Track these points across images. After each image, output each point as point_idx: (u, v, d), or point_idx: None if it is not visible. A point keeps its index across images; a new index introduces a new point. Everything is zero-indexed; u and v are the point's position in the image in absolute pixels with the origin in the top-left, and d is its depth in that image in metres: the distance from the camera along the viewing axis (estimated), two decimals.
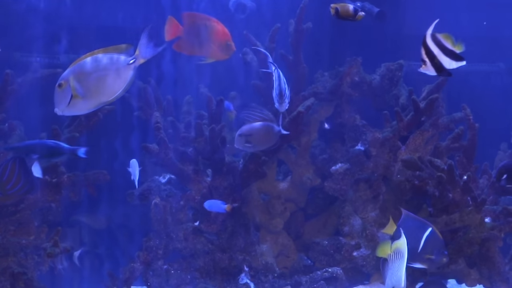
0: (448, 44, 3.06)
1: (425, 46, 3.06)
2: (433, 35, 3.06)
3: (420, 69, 3.15)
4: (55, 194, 4.02)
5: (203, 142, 4.09)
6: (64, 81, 2.93)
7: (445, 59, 3.05)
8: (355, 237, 4.27)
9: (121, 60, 2.93)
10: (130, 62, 2.93)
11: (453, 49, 3.05)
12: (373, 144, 4.28)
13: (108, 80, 2.94)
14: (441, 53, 3.04)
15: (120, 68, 2.94)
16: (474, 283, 4.08)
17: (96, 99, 2.97)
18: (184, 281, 4.09)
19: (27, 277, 3.89)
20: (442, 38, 3.07)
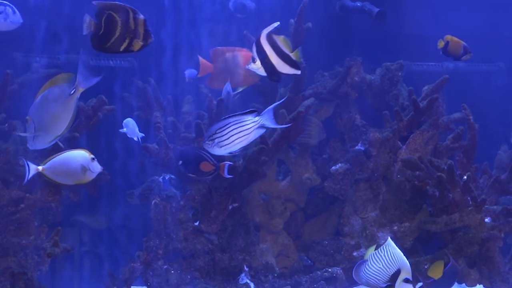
0: (284, 48, 2.98)
1: (257, 45, 2.95)
2: (269, 35, 2.96)
3: (248, 66, 3.09)
4: (55, 194, 4.01)
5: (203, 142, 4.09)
6: (29, 116, 3.10)
7: (277, 61, 2.95)
8: (355, 237, 4.27)
9: (65, 90, 3.06)
10: (71, 93, 3.04)
11: (287, 53, 2.96)
12: (373, 144, 4.28)
13: (57, 112, 3.08)
14: (274, 53, 2.94)
15: (65, 99, 3.06)
16: (474, 283, 4.07)
17: (52, 131, 3.12)
18: (184, 281, 4.09)
19: (27, 277, 3.89)
20: (278, 40, 2.98)
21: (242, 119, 3.24)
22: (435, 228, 4.03)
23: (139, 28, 2.68)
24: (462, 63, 5.16)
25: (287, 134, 4.18)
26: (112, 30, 2.66)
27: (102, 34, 2.66)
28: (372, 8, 4.82)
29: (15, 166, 3.98)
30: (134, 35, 2.68)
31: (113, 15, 2.66)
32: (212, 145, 3.27)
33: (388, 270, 3.22)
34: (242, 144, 3.26)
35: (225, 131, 3.24)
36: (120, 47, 2.68)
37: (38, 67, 4.34)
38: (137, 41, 2.70)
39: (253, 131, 3.23)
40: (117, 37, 2.67)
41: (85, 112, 4.11)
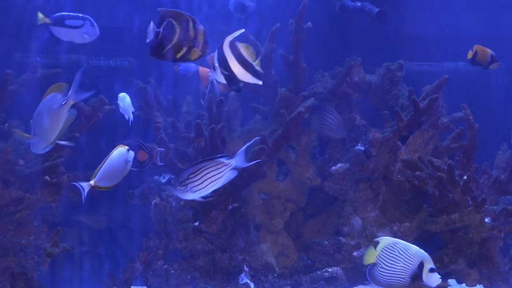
0: (247, 56, 2.92)
1: (219, 52, 2.88)
2: (232, 43, 2.90)
3: (209, 73, 3.05)
4: (55, 194, 4.02)
5: (203, 142, 4.09)
6: (31, 121, 3.19)
7: (239, 69, 2.89)
8: (355, 237, 4.27)
9: (58, 100, 3.13)
10: (62, 103, 3.12)
11: (250, 61, 2.91)
12: (373, 144, 4.28)
13: (49, 120, 3.16)
14: (235, 61, 2.88)
15: (56, 109, 3.14)
16: (474, 283, 4.08)
17: (45, 138, 3.19)
18: (184, 281, 4.09)
19: (27, 277, 3.89)
20: (241, 48, 2.93)
21: (215, 163, 3.25)
22: (435, 228, 4.03)
23: (199, 37, 2.69)
24: (462, 63, 5.17)
25: (287, 134, 4.18)
26: (170, 37, 2.66)
27: (159, 41, 2.67)
28: (372, 8, 4.82)
29: (15, 166, 3.99)
30: (193, 44, 2.68)
31: (173, 22, 2.66)
32: (184, 190, 3.26)
33: (410, 266, 3.21)
34: (215, 187, 3.27)
35: (198, 176, 3.25)
36: (177, 54, 2.69)
37: (38, 67, 4.33)
38: (195, 50, 2.71)
39: (226, 174, 3.25)
40: (175, 44, 2.67)
41: (85, 112, 4.12)
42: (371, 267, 3.25)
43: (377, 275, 3.24)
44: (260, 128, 4.44)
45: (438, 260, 4.02)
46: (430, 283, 3.19)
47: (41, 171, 3.98)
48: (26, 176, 3.98)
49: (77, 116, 4.09)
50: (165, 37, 2.65)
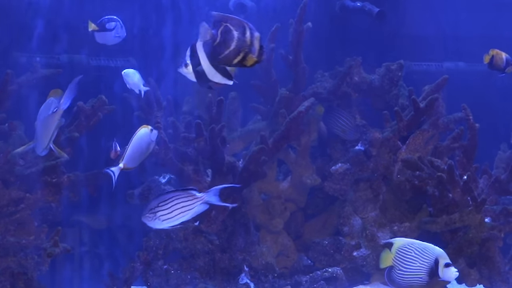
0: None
1: (192, 50, 2.83)
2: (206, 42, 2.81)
3: (180, 69, 3.04)
4: (55, 194, 4.02)
5: (203, 142, 4.09)
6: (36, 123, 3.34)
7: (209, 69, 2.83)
8: (355, 237, 4.27)
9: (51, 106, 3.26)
10: (54, 110, 3.24)
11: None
12: (373, 144, 4.28)
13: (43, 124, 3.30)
14: (207, 60, 2.82)
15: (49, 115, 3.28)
16: (474, 283, 4.07)
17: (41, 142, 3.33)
18: (184, 281, 4.09)
19: (27, 277, 3.89)
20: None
21: (186, 194, 3.23)
22: (435, 228, 4.03)
23: (255, 43, 2.67)
24: (462, 63, 5.16)
25: (287, 134, 4.18)
26: (228, 42, 2.65)
27: (217, 45, 2.65)
28: (372, 8, 4.82)
29: (15, 166, 3.98)
30: (249, 50, 2.67)
31: (230, 27, 2.65)
32: (153, 218, 3.23)
33: (426, 264, 3.21)
34: (183, 219, 3.24)
35: (168, 205, 3.21)
36: (234, 60, 2.67)
37: (38, 67, 4.33)
38: (251, 56, 2.68)
39: (196, 208, 3.22)
40: (232, 50, 2.65)
41: (85, 112, 4.12)
42: (389, 271, 3.24)
43: (396, 277, 3.24)
44: (260, 128, 4.44)
45: None
46: (447, 278, 3.20)
47: (41, 171, 3.98)
48: (26, 176, 3.98)
49: (77, 116, 4.13)
50: (222, 43, 2.65)
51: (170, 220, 3.22)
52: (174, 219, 3.22)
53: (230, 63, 2.68)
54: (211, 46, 2.65)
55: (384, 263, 3.26)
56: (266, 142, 4.09)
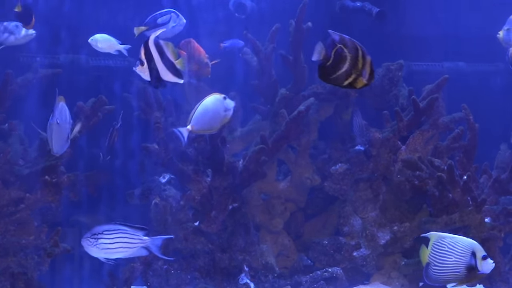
0: (170, 55, 2.93)
1: (145, 48, 2.90)
2: (157, 40, 2.91)
3: (136, 68, 3.05)
4: (55, 194, 4.01)
5: (203, 142, 4.09)
6: None
7: (162, 68, 2.89)
8: (355, 237, 4.27)
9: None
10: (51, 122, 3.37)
11: (172, 60, 2.91)
12: (373, 144, 4.28)
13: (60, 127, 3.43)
14: (160, 59, 2.89)
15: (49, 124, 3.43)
16: (474, 283, 4.07)
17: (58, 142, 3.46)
18: (184, 281, 4.09)
19: (27, 277, 3.89)
20: (165, 46, 2.93)
21: (133, 232, 3.21)
22: (435, 228, 4.02)
23: (366, 67, 2.73)
24: (462, 63, 5.16)
25: (287, 134, 4.18)
26: (340, 63, 2.69)
27: (329, 65, 2.69)
28: (372, 8, 4.82)
29: (15, 166, 3.99)
30: (360, 73, 2.72)
31: (343, 49, 2.69)
32: (93, 243, 3.21)
33: (463, 258, 3.18)
34: (121, 255, 3.23)
35: (112, 236, 3.20)
36: (345, 81, 2.71)
37: (38, 67, 4.33)
38: (361, 80, 2.74)
39: (136, 248, 3.22)
40: (344, 72, 2.69)
41: (85, 112, 4.12)
42: (426, 268, 3.21)
43: (433, 274, 3.20)
44: (260, 128, 4.44)
45: None
46: (485, 270, 3.16)
47: (41, 171, 3.98)
48: (26, 176, 3.98)
49: (77, 116, 4.13)
50: (335, 63, 2.69)
51: (109, 251, 3.20)
52: (113, 251, 3.21)
53: (340, 83, 2.73)
54: (323, 66, 2.69)
55: (423, 260, 3.21)
56: (266, 142, 4.09)
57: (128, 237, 3.20)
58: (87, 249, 3.23)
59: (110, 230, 3.19)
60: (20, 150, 4.08)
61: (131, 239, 3.21)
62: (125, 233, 3.20)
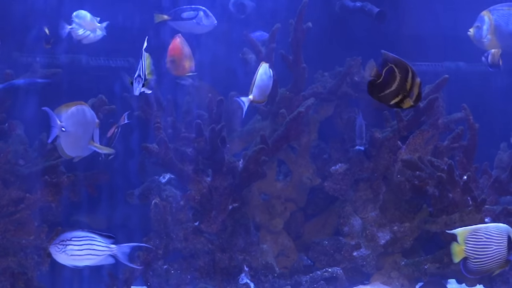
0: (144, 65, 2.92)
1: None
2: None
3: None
4: (55, 194, 4.02)
5: (203, 142, 4.09)
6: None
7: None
8: (355, 237, 4.27)
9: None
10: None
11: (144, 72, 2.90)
12: (373, 144, 4.28)
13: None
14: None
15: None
16: (474, 283, 4.07)
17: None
18: (184, 281, 4.09)
19: (27, 277, 3.89)
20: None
21: (101, 240, 3.23)
22: (435, 228, 4.03)
23: (414, 89, 2.79)
24: (462, 63, 5.16)
25: (287, 134, 4.18)
26: (390, 82, 2.77)
27: (379, 83, 2.77)
28: (372, 8, 4.82)
29: (15, 166, 3.98)
30: (408, 94, 2.78)
31: (394, 69, 2.76)
32: (61, 250, 3.21)
33: (502, 244, 3.18)
34: (89, 262, 3.23)
35: (81, 243, 3.21)
36: (392, 100, 2.79)
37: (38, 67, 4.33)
38: (408, 100, 2.80)
39: (104, 256, 3.23)
40: (392, 91, 2.77)
41: None
42: (464, 263, 3.21)
43: (474, 267, 3.20)
44: (260, 128, 4.44)
45: (438, 260, 4.02)
46: None
47: (41, 171, 3.98)
48: (26, 176, 3.98)
49: None
50: (385, 82, 2.77)
51: (77, 258, 3.21)
52: (81, 258, 3.21)
53: (388, 102, 2.80)
54: (373, 83, 2.77)
55: (457, 257, 3.21)
56: (266, 142, 4.09)
57: (96, 244, 3.22)
58: (55, 255, 3.23)
59: (79, 237, 3.21)
60: (20, 150, 4.08)
61: (99, 247, 3.22)
62: (93, 240, 3.22)
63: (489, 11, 4.18)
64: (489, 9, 4.19)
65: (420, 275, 4.09)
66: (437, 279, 4.25)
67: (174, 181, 4.33)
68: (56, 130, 3.30)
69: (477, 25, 4.17)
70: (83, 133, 3.40)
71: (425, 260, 4.07)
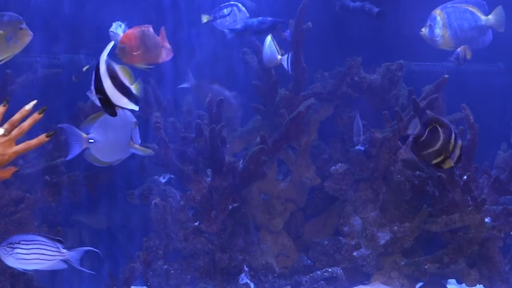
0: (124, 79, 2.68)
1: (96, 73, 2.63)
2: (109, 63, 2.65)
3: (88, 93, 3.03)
4: (55, 194, 4.02)
5: (203, 142, 4.09)
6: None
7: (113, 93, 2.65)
8: (355, 237, 4.27)
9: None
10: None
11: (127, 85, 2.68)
12: (373, 144, 4.28)
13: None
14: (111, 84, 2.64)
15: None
16: (474, 283, 4.08)
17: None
18: (184, 281, 4.09)
19: (27, 277, 3.88)
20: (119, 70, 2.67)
21: (51, 244, 3.18)
22: (435, 228, 4.03)
23: (456, 151, 2.84)
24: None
25: (287, 134, 4.18)
26: (432, 142, 2.83)
27: (422, 142, 2.83)
28: (372, 8, 4.82)
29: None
30: (450, 155, 2.83)
31: (438, 129, 2.81)
32: (9, 252, 3.16)
33: None
34: (38, 266, 3.19)
35: (30, 246, 3.16)
36: (433, 160, 2.86)
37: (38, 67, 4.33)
38: (449, 161, 2.86)
39: (55, 261, 3.18)
40: (434, 151, 2.83)
41: (85, 111, 4.12)
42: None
43: None
44: (260, 128, 4.44)
45: (438, 260, 4.02)
46: None
47: (41, 171, 3.98)
48: (26, 176, 3.98)
49: (77, 115, 4.13)
50: (428, 141, 2.83)
51: (25, 262, 3.16)
52: (29, 262, 3.17)
53: (429, 161, 2.87)
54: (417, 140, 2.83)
55: None
56: (266, 142, 4.09)
57: (46, 248, 3.17)
58: (3, 258, 3.18)
59: (27, 241, 3.16)
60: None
61: (49, 251, 3.18)
62: (42, 245, 3.17)
63: (440, 9, 4.17)
64: (440, 7, 4.18)
65: (420, 275, 4.09)
66: (437, 279, 4.26)
67: (174, 181, 4.33)
68: (80, 145, 3.19)
69: (429, 24, 4.16)
70: (117, 137, 3.29)
71: (425, 260, 4.07)
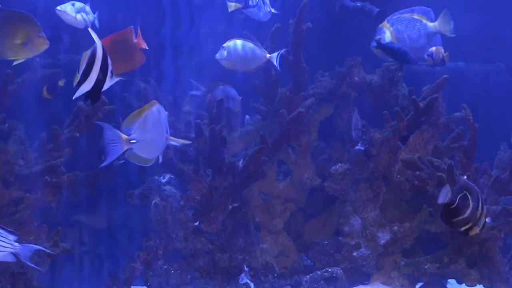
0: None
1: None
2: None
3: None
4: (55, 194, 4.01)
5: (203, 142, 4.09)
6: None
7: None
8: (355, 237, 4.27)
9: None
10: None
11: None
12: (373, 144, 4.28)
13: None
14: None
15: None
16: (474, 283, 4.08)
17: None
18: (184, 281, 4.09)
19: (27, 277, 3.88)
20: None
21: (5, 235, 3.13)
22: (435, 228, 4.03)
23: (482, 218, 2.88)
24: (462, 63, 5.16)
25: (287, 134, 4.18)
26: (463, 209, 2.85)
27: (453, 209, 2.86)
28: (372, 8, 4.82)
29: (15, 166, 3.98)
30: (477, 222, 2.87)
31: (468, 197, 2.85)
32: None
33: None
34: None
35: None
36: (462, 227, 2.88)
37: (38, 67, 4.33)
38: (476, 228, 2.89)
39: (5, 254, 3.12)
40: (464, 218, 2.86)
41: (85, 112, 4.12)
42: None
43: None
44: (260, 128, 4.44)
45: (438, 260, 4.02)
46: None
47: (41, 171, 3.98)
48: (26, 176, 3.98)
49: (77, 115, 4.13)
50: (459, 208, 2.86)
51: None
52: None
53: (458, 228, 2.89)
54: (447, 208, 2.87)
55: None
56: (266, 142, 4.09)
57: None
58: None
59: None
60: (20, 150, 4.08)
61: (1, 242, 3.13)
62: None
63: (388, 21, 4.16)
64: (388, 20, 4.17)
65: (420, 275, 4.09)
66: (437, 279, 4.26)
67: (174, 181, 4.33)
68: (121, 147, 3.09)
69: (378, 37, 4.15)
70: (157, 133, 3.24)
71: (425, 260, 4.07)
